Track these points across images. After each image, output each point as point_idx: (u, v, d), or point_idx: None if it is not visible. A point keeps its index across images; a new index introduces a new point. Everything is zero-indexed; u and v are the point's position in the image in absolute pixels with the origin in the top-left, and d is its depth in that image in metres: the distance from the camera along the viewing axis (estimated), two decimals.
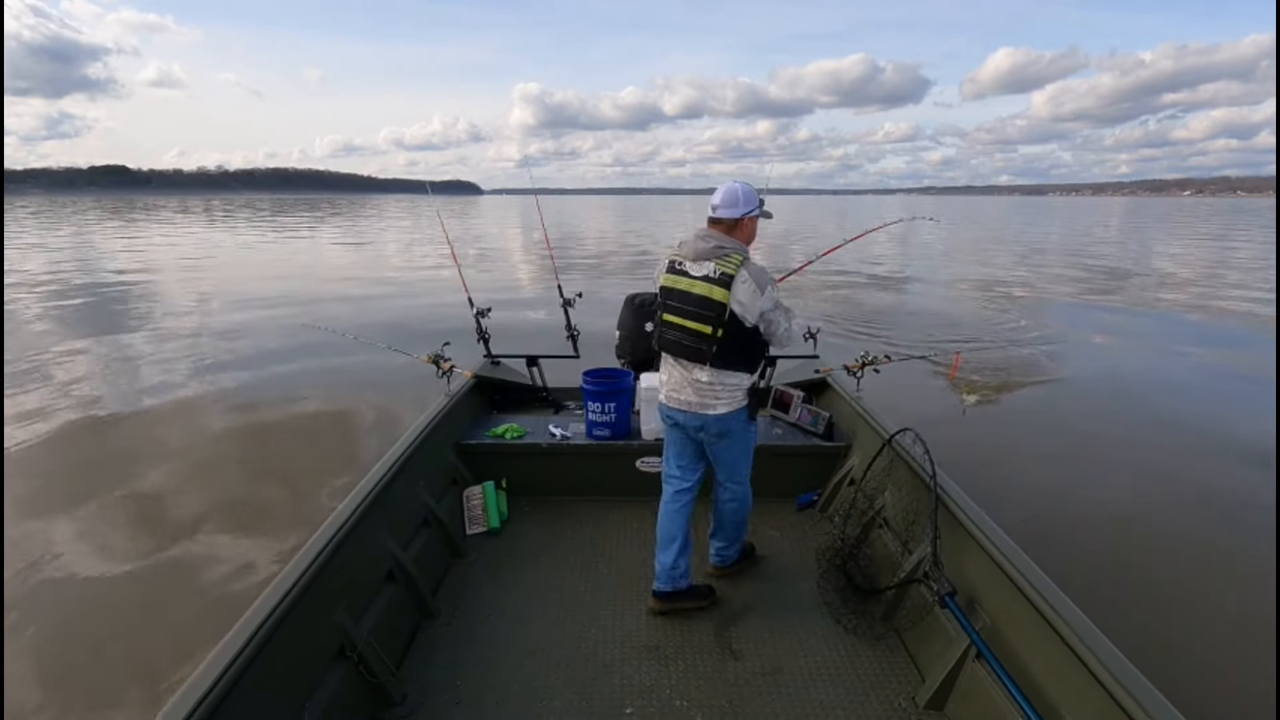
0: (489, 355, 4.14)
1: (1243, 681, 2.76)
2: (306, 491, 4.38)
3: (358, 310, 11.08)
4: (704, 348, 2.30)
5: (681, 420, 2.46)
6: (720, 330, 2.25)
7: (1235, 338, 9.53)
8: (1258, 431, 5.53)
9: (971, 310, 11.41)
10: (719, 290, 2.23)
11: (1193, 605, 3.27)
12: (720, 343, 2.27)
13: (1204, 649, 2.94)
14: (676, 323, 2.36)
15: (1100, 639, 1.64)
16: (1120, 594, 3.27)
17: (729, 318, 2.24)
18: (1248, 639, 3.00)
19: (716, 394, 2.36)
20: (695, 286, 2.29)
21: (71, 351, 8.08)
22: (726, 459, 2.54)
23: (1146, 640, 2.73)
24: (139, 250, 20.69)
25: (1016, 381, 6.59)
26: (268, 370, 7.37)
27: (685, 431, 2.50)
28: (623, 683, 2.21)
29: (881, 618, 2.46)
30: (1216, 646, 2.96)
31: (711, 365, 2.32)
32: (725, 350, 2.29)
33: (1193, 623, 3.13)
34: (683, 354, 2.37)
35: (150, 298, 12.24)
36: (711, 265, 2.26)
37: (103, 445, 5.25)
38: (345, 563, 2.09)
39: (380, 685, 2.05)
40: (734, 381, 2.37)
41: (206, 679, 1.48)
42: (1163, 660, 2.54)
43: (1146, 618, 3.09)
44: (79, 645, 2.97)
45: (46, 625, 3.09)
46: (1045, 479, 4.59)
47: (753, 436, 2.58)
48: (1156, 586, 3.41)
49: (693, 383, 2.38)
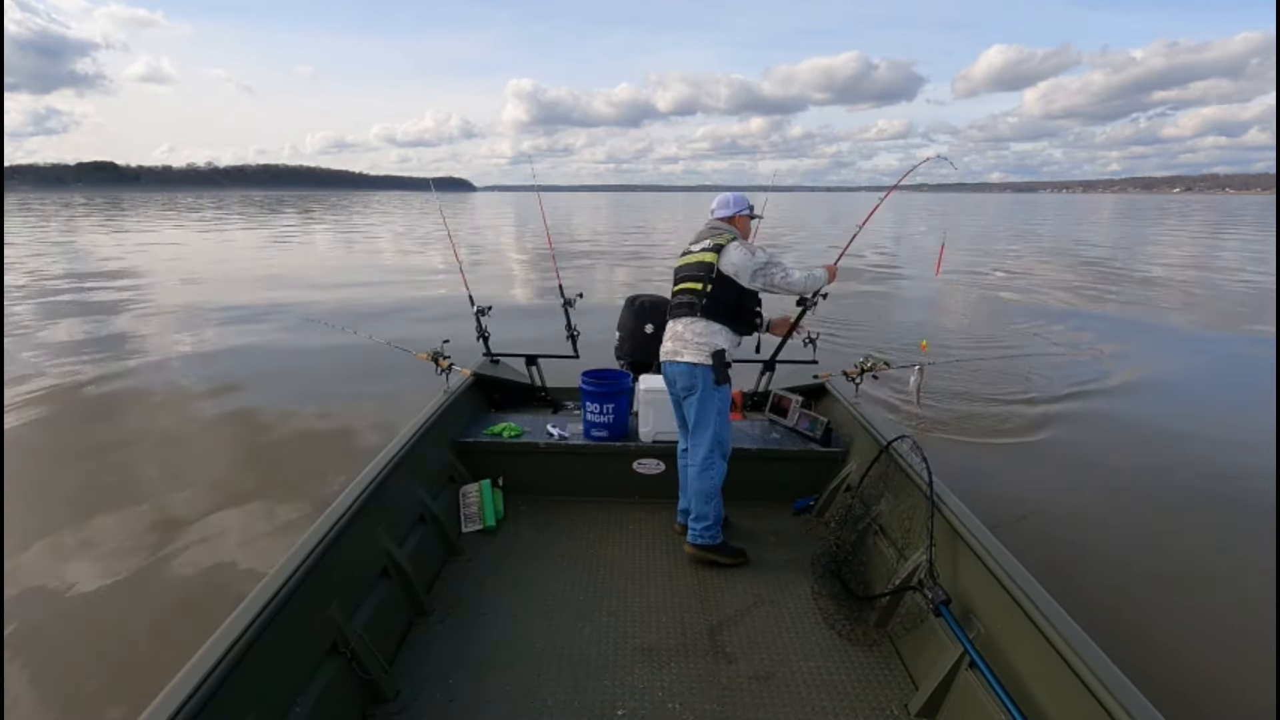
0: (488, 353, 4.14)
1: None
2: (302, 488, 4.37)
3: (357, 308, 11.09)
4: (695, 301, 2.76)
5: (668, 373, 2.85)
6: (709, 286, 2.72)
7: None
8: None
9: (990, 316, 11.26)
10: (710, 255, 2.75)
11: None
12: (709, 297, 2.73)
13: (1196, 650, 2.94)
14: (679, 287, 2.85)
15: (1095, 651, 1.64)
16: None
17: (717, 276, 2.72)
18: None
19: (687, 343, 2.75)
20: (693, 257, 2.84)
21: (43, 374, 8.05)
22: (693, 419, 2.80)
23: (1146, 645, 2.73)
24: (128, 253, 19.99)
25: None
26: (267, 367, 7.37)
27: (673, 387, 2.87)
28: (615, 684, 2.21)
29: (876, 624, 2.46)
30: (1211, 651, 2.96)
31: (702, 317, 2.74)
32: (712, 305, 2.73)
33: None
34: (680, 311, 2.82)
35: (140, 300, 12.21)
36: (708, 240, 2.83)
37: (91, 433, 5.25)
38: (339, 558, 2.08)
39: (373, 681, 2.05)
40: (707, 335, 2.72)
41: (197, 673, 1.47)
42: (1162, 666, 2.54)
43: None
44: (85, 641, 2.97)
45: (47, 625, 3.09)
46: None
47: (720, 404, 2.76)
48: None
49: (677, 336, 2.80)
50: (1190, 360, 8.18)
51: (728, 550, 2.88)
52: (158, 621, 3.05)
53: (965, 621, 2.06)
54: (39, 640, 2.92)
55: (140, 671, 2.70)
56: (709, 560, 2.85)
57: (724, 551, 2.87)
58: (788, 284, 2.75)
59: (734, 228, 2.86)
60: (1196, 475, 4.72)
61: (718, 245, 2.74)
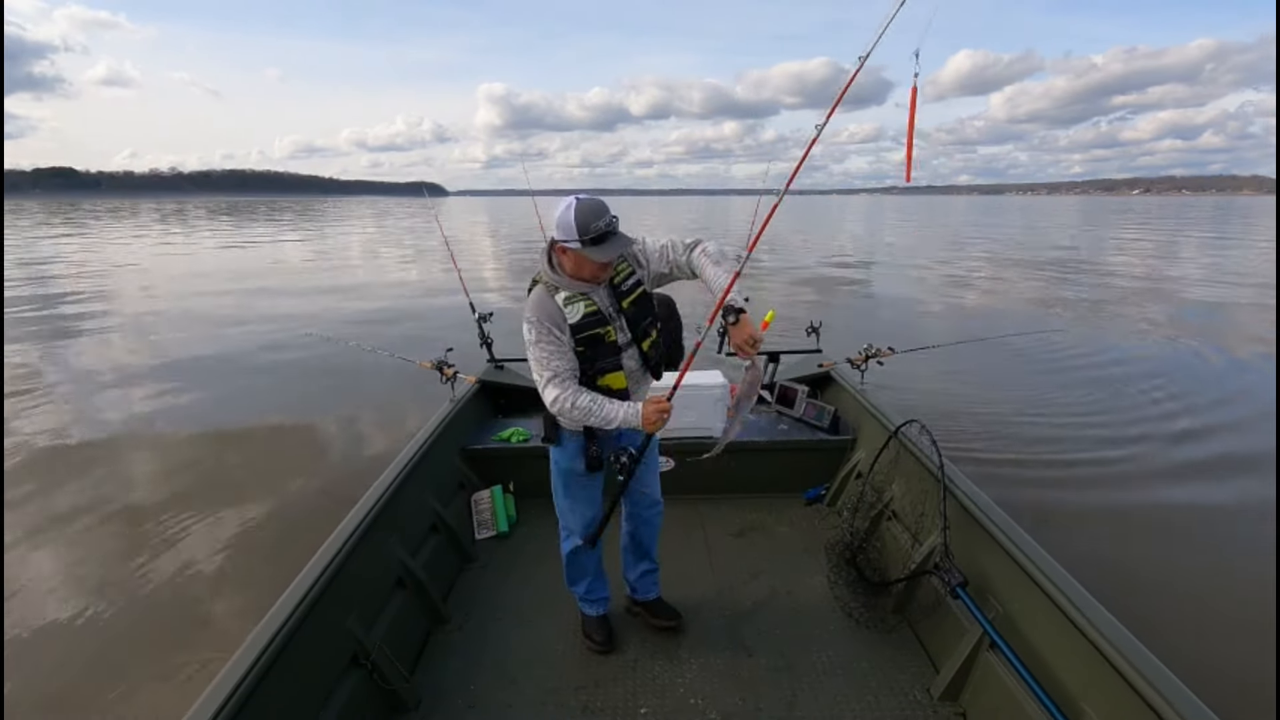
0: (492, 359, 4.15)
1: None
2: (313, 501, 4.38)
3: (359, 318, 11.10)
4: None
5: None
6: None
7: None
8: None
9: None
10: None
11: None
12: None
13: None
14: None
15: (1115, 625, 1.63)
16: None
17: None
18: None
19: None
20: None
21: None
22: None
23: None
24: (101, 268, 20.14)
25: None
26: (266, 380, 7.39)
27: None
28: (636, 682, 2.21)
29: (893, 610, 2.46)
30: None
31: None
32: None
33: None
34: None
35: (137, 317, 12.24)
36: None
37: (84, 462, 5.27)
38: (355, 571, 2.09)
39: (394, 692, 2.06)
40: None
41: (222, 691, 1.48)
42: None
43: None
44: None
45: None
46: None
47: (554, 467, 2.21)
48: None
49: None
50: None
51: (583, 625, 2.45)
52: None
53: (983, 602, 2.06)
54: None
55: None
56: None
57: (582, 623, 2.47)
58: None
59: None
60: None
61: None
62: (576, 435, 2.09)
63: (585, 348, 1.93)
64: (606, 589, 2.45)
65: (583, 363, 1.94)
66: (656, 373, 2.13)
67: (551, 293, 1.92)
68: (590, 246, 1.80)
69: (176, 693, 2.71)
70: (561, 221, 1.81)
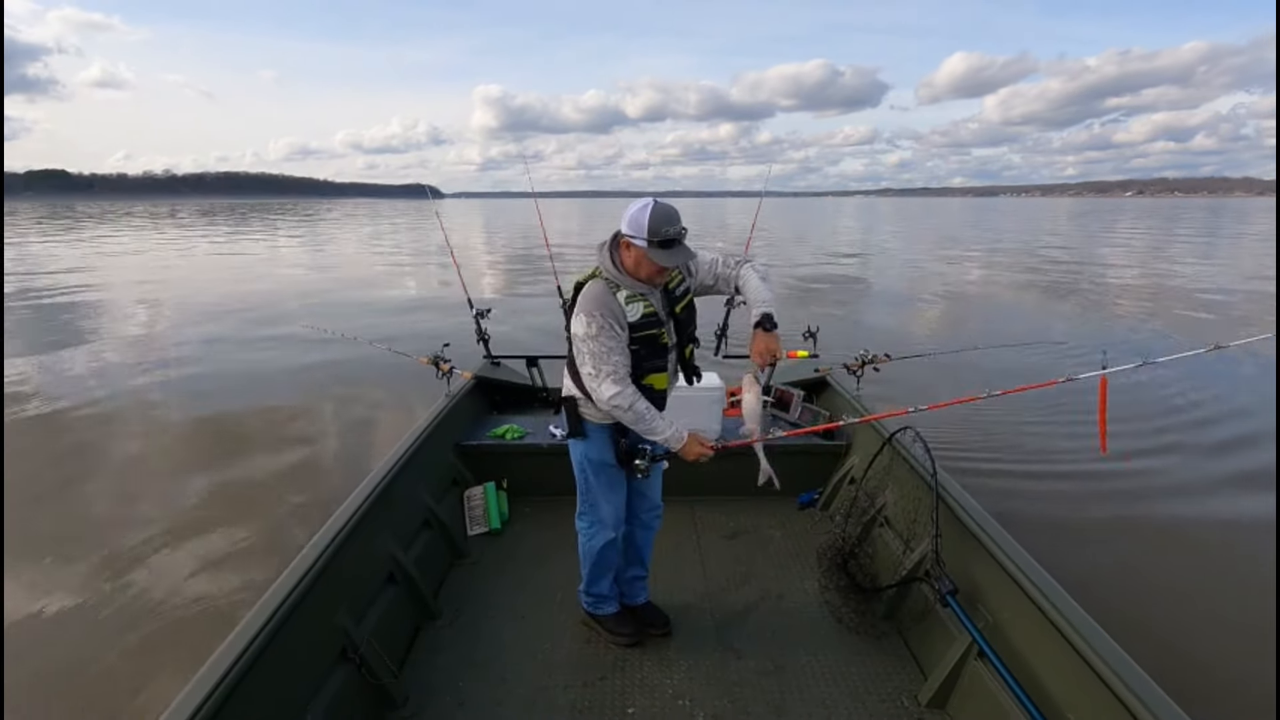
0: (489, 356, 4.14)
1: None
2: (302, 499, 4.36)
3: (354, 313, 11.07)
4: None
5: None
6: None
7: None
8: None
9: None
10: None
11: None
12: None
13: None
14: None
15: (1103, 636, 1.64)
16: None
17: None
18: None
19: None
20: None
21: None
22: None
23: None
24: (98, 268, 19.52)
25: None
26: (268, 376, 7.36)
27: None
28: (625, 683, 2.21)
29: (883, 616, 2.46)
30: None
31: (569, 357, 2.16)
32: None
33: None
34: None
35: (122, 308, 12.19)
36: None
37: (84, 440, 5.25)
38: (346, 564, 2.08)
39: (382, 687, 2.05)
40: (569, 378, 2.16)
41: (207, 683, 1.47)
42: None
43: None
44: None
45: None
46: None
47: (580, 458, 2.24)
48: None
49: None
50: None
51: (604, 623, 2.44)
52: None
53: (973, 611, 2.06)
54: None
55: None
56: (590, 626, 2.48)
57: (599, 623, 2.45)
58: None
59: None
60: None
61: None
62: (603, 428, 2.13)
63: (640, 346, 2.00)
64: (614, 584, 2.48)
65: (633, 360, 2.01)
66: (689, 378, 2.24)
67: (613, 290, 1.97)
68: (656, 249, 1.86)
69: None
70: (635, 218, 1.87)
